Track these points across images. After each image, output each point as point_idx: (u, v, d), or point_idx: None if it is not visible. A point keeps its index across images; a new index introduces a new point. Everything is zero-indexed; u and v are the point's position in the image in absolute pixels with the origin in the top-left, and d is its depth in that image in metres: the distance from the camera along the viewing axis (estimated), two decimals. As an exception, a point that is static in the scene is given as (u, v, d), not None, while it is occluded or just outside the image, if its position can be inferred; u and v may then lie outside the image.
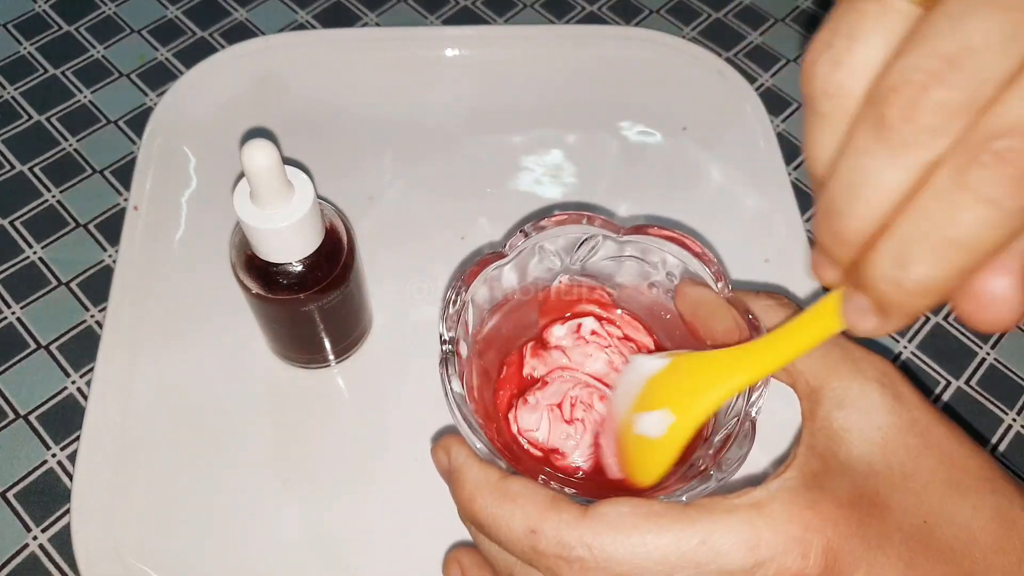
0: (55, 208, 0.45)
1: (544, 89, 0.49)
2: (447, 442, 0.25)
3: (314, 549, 0.35)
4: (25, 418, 0.39)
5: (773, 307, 0.26)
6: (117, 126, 0.48)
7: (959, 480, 0.21)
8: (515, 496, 0.22)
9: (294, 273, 0.32)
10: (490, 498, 0.22)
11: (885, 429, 0.22)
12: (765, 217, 0.45)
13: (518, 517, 0.21)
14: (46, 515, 0.36)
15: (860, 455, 0.22)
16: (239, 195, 0.30)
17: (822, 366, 0.24)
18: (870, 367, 0.23)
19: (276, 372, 0.39)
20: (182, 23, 0.52)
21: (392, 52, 0.50)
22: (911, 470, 0.21)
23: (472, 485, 0.23)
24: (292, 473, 0.37)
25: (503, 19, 0.53)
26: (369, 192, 0.45)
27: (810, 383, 0.24)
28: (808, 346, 0.21)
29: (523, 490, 0.22)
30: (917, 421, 0.22)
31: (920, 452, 0.22)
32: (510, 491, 0.22)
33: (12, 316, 0.41)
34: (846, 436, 0.22)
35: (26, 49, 0.51)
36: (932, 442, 0.22)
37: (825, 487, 0.21)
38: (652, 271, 0.30)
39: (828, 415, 0.23)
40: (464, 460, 0.23)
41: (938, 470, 0.22)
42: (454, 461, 0.24)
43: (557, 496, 0.22)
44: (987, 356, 0.42)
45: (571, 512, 0.21)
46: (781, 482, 0.21)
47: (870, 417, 0.22)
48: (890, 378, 0.23)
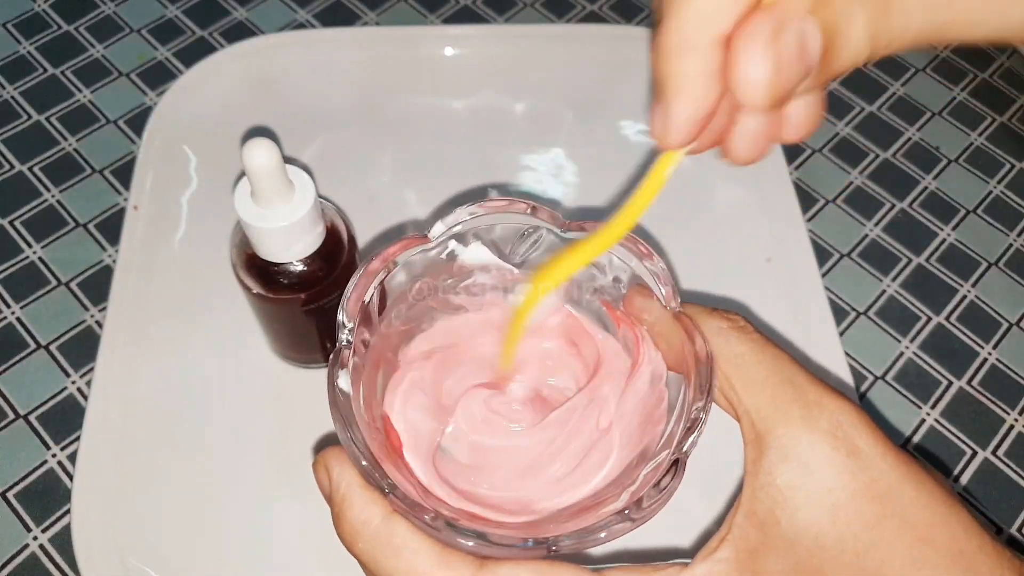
0: (55, 208, 0.45)
1: (545, 88, 0.49)
2: (328, 458, 0.22)
3: (314, 549, 0.35)
4: (25, 418, 0.39)
5: (726, 331, 0.22)
6: (117, 126, 0.48)
7: (923, 556, 0.18)
8: (399, 548, 0.20)
9: (295, 273, 0.32)
10: (372, 544, 0.20)
11: (836, 492, 0.19)
12: (766, 216, 0.45)
13: (402, 572, 0.20)
14: (46, 515, 0.36)
15: (807, 523, 0.19)
16: (240, 194, 0.30)
17: (771, 406, 0.20)
18: (823, 413, 0.20)
19: (276, 372, 0.39)
20: (182, 22, 0.52)
21: (392, 51, 0.50)
22: (865, 545, 0.18)
23: (352, 526, 0.20)
24: (292, 473, 0.37)
25: (503, 18, 0.53)
26: (370, 191, 0.45)
27: (755, 426, 0.20)
28: (647, 196, 0.21)
29: (409, 541, 0.20)
30: (875, 482, 0.19)
31: (877, 522, 0.18)
32: (394, 541, 0.20)
33: (12, 316, 0.41)
34: (791, 496, 0.19)
35: (25, 49, 0.51)
36: (892, 509, 0.19)
37: (759, 570, 0.19)
38: (598, 274, 0.26)
39: (772, 469, 0.19)
40: (346, 489, 0.21)
41: (897, 545, 0.18)
42: (335, 487, 0.21)
43: (446, 550, 0.20)
44: (989, 356, 0.42)
45: (462, 572, 0.19)
46: (709, 565, 0.19)
47: (817, 476, 0.19)
48: (844, 429, 0.19)
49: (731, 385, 0.21)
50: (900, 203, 0.47)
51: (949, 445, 0.40)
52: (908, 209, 0.47)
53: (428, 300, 0.26)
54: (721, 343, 0.22)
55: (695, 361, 0.22)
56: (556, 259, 0.23)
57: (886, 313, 0.43)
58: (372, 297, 0.24)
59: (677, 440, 0.21)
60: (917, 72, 0.52)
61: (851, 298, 0.44)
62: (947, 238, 0.46)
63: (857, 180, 0.48)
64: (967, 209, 0.47)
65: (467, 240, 0.25)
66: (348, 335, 0.22)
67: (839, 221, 0.46)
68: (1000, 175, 0.48)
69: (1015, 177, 0.48)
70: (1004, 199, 0.47)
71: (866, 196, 0.47)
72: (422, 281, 0.26)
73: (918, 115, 0.50)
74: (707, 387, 0.21)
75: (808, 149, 0.49)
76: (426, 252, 0.25)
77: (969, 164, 0.49)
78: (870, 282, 0.44)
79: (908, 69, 0.52)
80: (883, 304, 0.44)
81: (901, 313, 0.43)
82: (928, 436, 0.40)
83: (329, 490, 0.22)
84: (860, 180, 0.48)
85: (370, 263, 0.24)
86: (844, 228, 0.46)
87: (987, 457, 0.40)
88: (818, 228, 0.46)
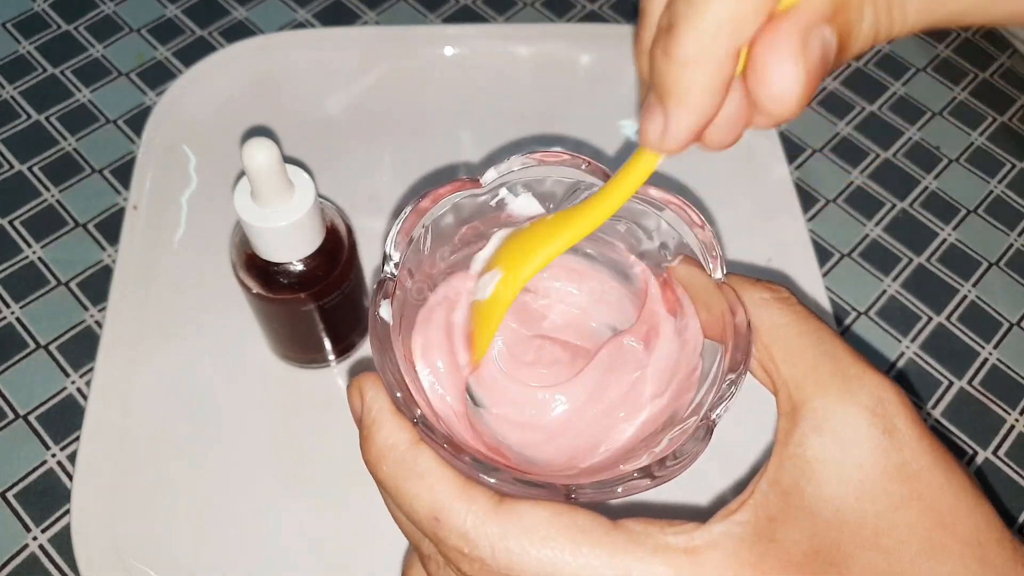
0: (54, 208, 0.45)
1: (545, 88, 0.49)
2: (362, 382, 0.21)
3: (314, 549, 0.35)
4: (25, 418, 0.39)
5: (768, 302, 0.22)
6: (116, 125, 0.48)
7: (941, 542, 0.18)
8: (423, 474, 0.19)
9: (294, 272, 0.32)
10: (397, 468, 0.20)
11: (866, 469, 0.19)
12: (767, 216, 0.45)
13: (423, 499, 0.19)
14: (46, 515, 0.36)
15: (830, 497, 0.19)
16: (239, 194, 0.30)
17: (809, 378, 0.20)
18: (863, 388, 0.19)
19: (276, 372, 0.39)
20: (181, 22, 0.52)
21: (392, 51, 0.50)
22: (886, 525, 0.18)
23: (379, 449, 0.20)
24: (292, 473, 0.37)
25: (503, 18, 0.53)
26: (370, 191, 0.45)
27: (792, 397, 0.20)
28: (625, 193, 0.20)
29: (434, 468, 0.20)
30: (906, 464, 0.19)
31: (901, 503, 0.18)
32: (418, 467, 0.20)
33: (11, 316, 0.41)
34: (819, 469, 0.19)
35: (25, 48, 0.50)
36: (920, 492, 0.18)
37: (778, 538, 0.18)
38: (644, 239, 0.26)
39: (803, 440, 0.19)
40: (377, 413, 0.21)
41: (918, 527, 0.18)
42: (367, 411, 0.21)
43: (469, 483, 0.19)
44: (989, 356, 0.42)
45: (482, 504, 0.19)
46: (727, 526, 0.18)
47: (850, 451, 0.19)
48: (885, 406, 0.19)
49: (770, 356, 0.21)
50: (901, 203, 0.47)
51: (950, 445, 0.40)
52: (909, 209, 0.47)
53: (473, 246, 0.26)
54: (763, 314, 0.22)
55: (734, 332, 0.22)
56: (523, 246, 0.22)
57: (887, 313, 0.43)
58: (419, 235, 0.23)
59: (708, 407, 0.21)
60: (918, 72, 0.52)
61: (852, 298, 0.44)
62: (948, 238, 0.46)
63: (858, 180, 0.48)
64: (968, 209, 0.47)
65: (517, 190, 0.25)
66: (393, 268, 0.22)
67: (840, 221, 0.46)
68: (1001, 175, 0.48)
69: (1016, 177, 0.48)
70: (1005, 199, 0.47)
71: (867, 196, 0.47)
72: (469, 226, 0.25)
73: (919, 115, 0.50)
74: (744, 357, 0.21)
75: (808, 149, 0.49)
76: (475, 197, 0.24)
77: (970, 164, 0.49)
78: (871, 282, 0.44)
79: (909, 69, 0.52)
80: (884, 304, 0.44)
81: (902, 313, 0.43)
82: (929, 436, 0.40)
83: (360, 412, 0.21)
84: (861, 180, 0.48)
85: (420, 201, 0.23)
86: (845, 228, 0.46)
87: (988, 457, 0.40)
88: (819, 228, 0.46)
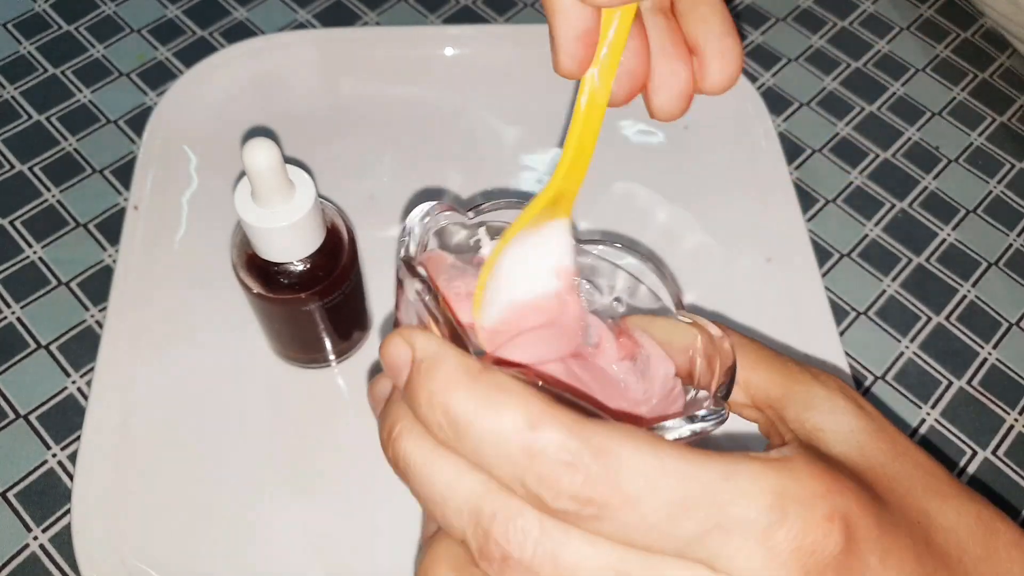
0: (55, 208, 0.45)
1: (545, 88, 0.49)
2: (407, 331, 0.19)
3: (315, 548, 0.35)
4: (25, 418, 0.39)
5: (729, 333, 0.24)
6: (117, 126, 0.48)
7: (936, 486, 0.21)
8: (508, 389, 0.17)
9: (295, 272, 0.32)
10: (475, 389, 0.17)
11: (857, 433, 0.21)
12: (767, 217, 0.45)
13: (511, 411, 0.17)
14: (46, 515, 0.36)
15: (839, 454, 0.21)
16: (240, 194, 0.30)
17: (782, 376, 0.23)
18: (829, 379, 0.23)
19: (276, 372, 0.39)
20: (182, 22, 0.52)
21: (392, 51, 0.50)
22: (892, 473, 0.21)
23: (449, 373, 0.18)
24: (292, 473, 0.37)
25: (504, 18, 0.53)
26: (370, 191, 0.45)
27: (771, 393, 0.23)
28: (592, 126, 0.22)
29: (518, 385, 0.17)
30: (884, 428, 0.22)
31: (895, 457, 0.21)
32: (501, 383, 0.17)
33: (12, 316, 0.41)
34: (821, 436, 0.21)
35: (26, 48, 0.51)
36: (902, 449, 0.21)
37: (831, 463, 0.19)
38: (597, 296, 0.26)
39: (798, 416, 0.22)
40: (439, 347, 0.18)
41: (915, 475, 0.21)
42: (423, 350, 0.18)
43: (559, 401, 0.18)
44: (989, 356, 0.42)
45: (578, 415, 0.17)
46: (789, 449, 0.20)
47: (840, 420, 0.22)
48: (848, 391, 0.23)
49: (741, 367, 0.23)
50: (900, 203, 0.47)
51: (949, 445, 0.40)
52: (908, 209, 0.47)
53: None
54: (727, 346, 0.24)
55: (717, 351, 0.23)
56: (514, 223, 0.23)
57: (886, 313, 0.43)
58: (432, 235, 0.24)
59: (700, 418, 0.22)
60: (917, 72, 0.52)
61: (851, 298, 0.44)
62: (947, 238, 0.46)
63: (857, 180, 0.48)
64: (967, 209, 0.47)
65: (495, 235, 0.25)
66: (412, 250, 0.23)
67: (839, 221, 0.46)
68: (1000, 175, 0.48)
69: (1015, 177, 0.48)
70: (1004, 199, 0.47)
71: (866, 196, 0.47)
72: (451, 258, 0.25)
73: (918, 115, 0.50)
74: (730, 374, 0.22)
75: (808, 149, 0.49)
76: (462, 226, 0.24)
77: (969, 164, 0.49)
78: (870, 282, 0.44)
79: (908, 69, 0.52)
80: (883, 304, 0.44)
81: (901, 313, 0.43)
82: (928, 436, 0.40)
83: (406, 359, 0.19)
84: (860, 180, 0.48)
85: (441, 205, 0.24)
86: (844, 228, 0.46)
87: (987, 457, 0.40)
88: (818, 228, 0.46)
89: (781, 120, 0.50)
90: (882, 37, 0.54)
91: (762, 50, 0.53)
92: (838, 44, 0.53)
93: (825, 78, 0.52)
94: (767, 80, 0.51)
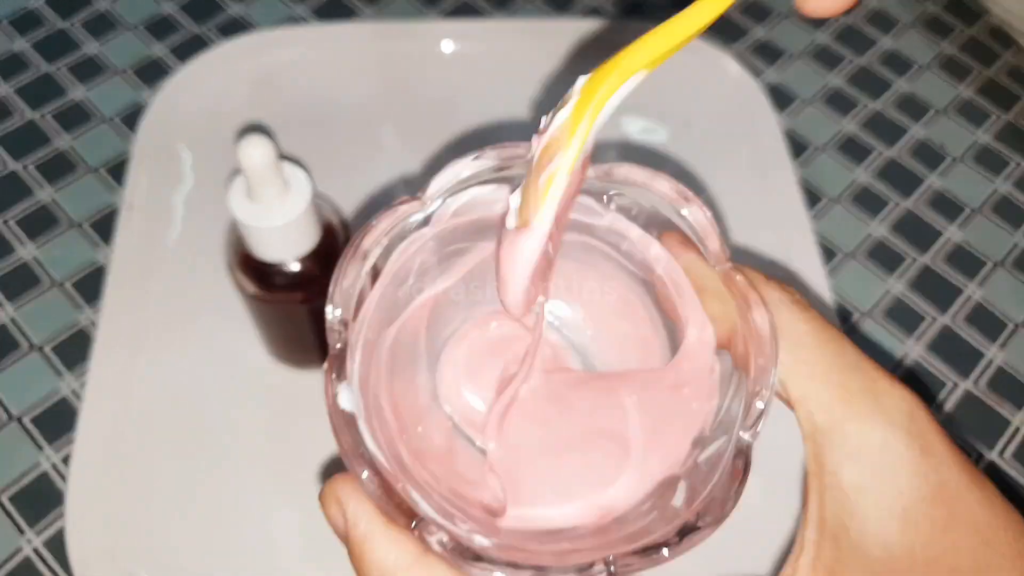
0: (48, 207, 0.44)
1: (545, 84, 0.48)
2: (338, 490, 0.18)
3: (311, 552, 0.35)
4: (18, 420, 0.38)
5: (783, 304, 0.19)
6: (111, 123, 0.47)
7: (987, 561, 0.18)
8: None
9: (290, 272, 0.32)
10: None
11: (907, 495, 0.18)
12: (771, 214, 0.44)
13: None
14: (40, 518, 0.36)
15: (876, 533, 0.17)
16: (235, 192, 0.30)
17: (836, 398, 0.18)
18: (895, 407, 0.18)
19: (272, 374, 0.39)
20: (176, 19, 0.52)
21: (390, 46, 0.49)
22: (935, 554, 0.17)
23: (380, 568, 0.18)
24: (288, 475, 0.37)
25: (503, 13, 0.53)
26: (367, 188, 0.44)
27: (816, 419, 0.18)
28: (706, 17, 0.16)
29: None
30: (945, 485, 0.18)
31: (946, 527, 0.18)
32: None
33: (5, 317, 0.41)
34: (860, 501, 0.18)
35: (19, 46, 0.50)
36: (961, 514, 0.18)
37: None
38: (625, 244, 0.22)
39: (839, 466, 0.18)
40: (367, 527, 0.18)
41: (964, 550, 0.18)
42: (353, 525, 0.18)
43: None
44: (995, 358, 0.42)
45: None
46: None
47: (891, 479, 0.18)
48: (918, 424, 0.18)
49: (790, 368, 0.19)
50: (905, 202, 0.47)
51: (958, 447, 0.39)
52: (913, 208, 0.46)
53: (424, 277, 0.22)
54: (778, 318, 0.19)
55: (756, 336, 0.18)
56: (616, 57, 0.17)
57: (892, 313, 0.43)
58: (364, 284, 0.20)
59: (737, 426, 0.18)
60: (922, 69, 0.52)
61: (857, 298, 0.43)
62: (953, 237, 0.45)
63: (862, 179, 0.47)
64: (973, 208, 0.46)
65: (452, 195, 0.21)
66: (339, 335, 0.18)
67: (844, 220, 0.46)
68: (1006, 173, 0.48)
69: (1022, 176, 0.48)
70: (1010, 198, 0.47)
71: (871, 195, 0.47)
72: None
73: (923, 113, 0.50)
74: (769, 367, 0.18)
75: (812, 147, 0.48)
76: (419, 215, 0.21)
77: (975, 162, 0.48)
78: (875, 282, 0.44)
79: (913, 66, 0.52)
80: (889, 304, 0.43)
81: (907, 313, 0.43)
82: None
83: (344, 528, 0.19)
84: (865, 179, 0.47)
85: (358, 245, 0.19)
86: (849, 227, 0.46)
87: (994, 459, 0.39)
88: (823, 227, 0.45)
89: (785, 116, 0.49)
90: (887, 33, 0.53)
91: (766, 46, 0.52)
92: (843, 40, 0.53)
93: (829, 75, 0.51)
94: (771, 76, 0.51)
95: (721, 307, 0.20)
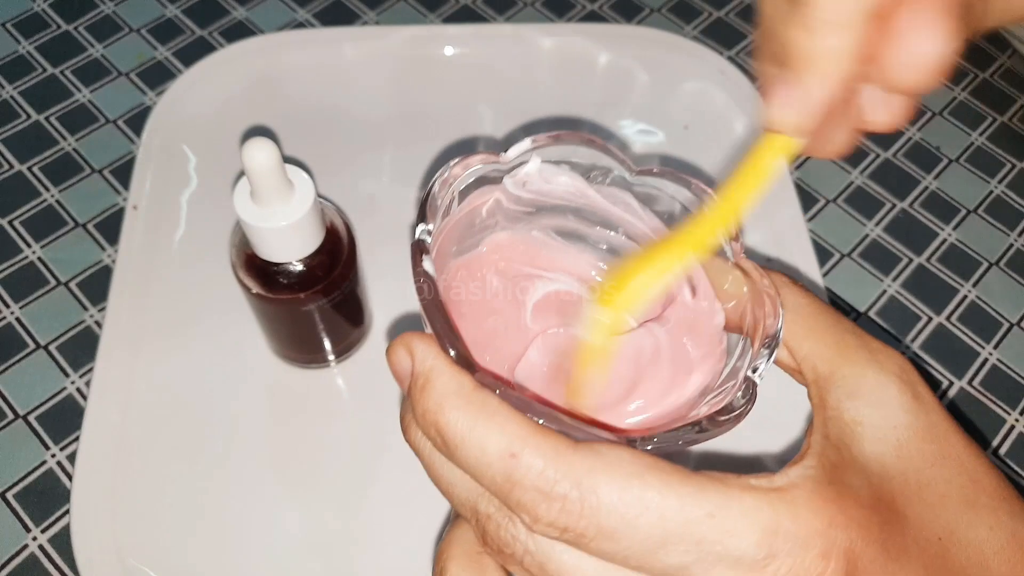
0: (54, 208, 0.45)
1: (545, 88, 0.49)
2: (409, 340, 0.20)
3: (314, 549, 0.35)
4: (24, 418, 0.38)
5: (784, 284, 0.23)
6: (116, 125, 0.48)
7: (975, 497, 0.19)
8: (493, 413, 0.18)
9: (294, 272, 0.32)
10: (464, 410, 0.18)
11: (901, 430, 0.20)
12: (767, 216, 0.45)
13: (495, 437, 0.18)
14: (45, 516, 0.36)
15: (873, 454, 0.19)
16: (239, 194, 0.30)
17: (834, 351, 0.21)
18: (888, 359, 0.21)
19: (276, 372, 0.39)
20: (181, 22, 0.52)
21: (392, 51, 0.50)
22: (927, 479, 0.19)
23: (442, 393, 0.19)
24: (292, 473, 0.37)
25: (503, 17, 0.53)
26: (370, 191, 0.45)
27: (818, 368, 0.21)
28: (746, 196, 0.20)
29: (503, 409, 0.18)
30: (935, 426, 0.20)
31: (936, 461, 0.19)
32: (489, 406, 0.18)
33: (11, 316, 0.41)
34: (858, 430, 0.20)
35: (25, 48, 0.50)
36: (949, 452, 0.20)
37: (845, 481, 0.19)
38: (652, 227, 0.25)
39: (839, 404, 0.20)
40: (434, 362, 0.19)
41: (954, 483, 0.19)
42: (420, 363, 0.19)
43: (539, 425, 0.18)
44: (989, 356, 0.42)
45: (560, 442, 0.18)
46: (801, 470, 0.19)
47: (885, 413, 0.20)
48: (909, 375, 0.21)
49: (793, 332, 0.22)
50: (901, 203, 0.47)
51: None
52: (909, 209, 0.47)
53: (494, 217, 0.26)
54: (782, 295, 0.22)
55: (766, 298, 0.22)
56: (625, 272, 0.21)
57: (887, 313, 0.43)
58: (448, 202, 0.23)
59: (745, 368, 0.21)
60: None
61: (852, 298, 0.44)
62: (948, 238, 0.46)
63: (858, 180, 0.48)
64: (968, 209, 0.47)
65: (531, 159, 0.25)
66: (425, 234, 0.22)
67: (840, 221, 0.46)
68: (1001, 175, 0.48)
69: (1016, 177, 0.48)
70: (1005, 199, 0.47)
71: (867, 196, 0.47)
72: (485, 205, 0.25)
73: (919, 115, 0.50)
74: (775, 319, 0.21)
75: (809, 149, 0.49)
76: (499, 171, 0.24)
77: (970, 164, 0.49)
78: (871, 282, 0.44)
79: (909, 69, 0.52)
80: (884, 304, 0.44)
81: (902, 313, 0.43)
82: (929, 436, 0.40)
83: (408, 368, 0.20)
84: (861, 180, 0.48)
85: (452, 168, 0.23)
86: (845, 228, 0.46)
87: (988, 457, 0.39)
88: (819, 228, 0.46)
89: (781, 120, 0.50)
90: (883, 36, 0.53)
91: (762, 49, 0.53)
92: (839, 43, 0.53)
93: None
94: (767, 80, 0.51)
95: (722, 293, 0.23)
